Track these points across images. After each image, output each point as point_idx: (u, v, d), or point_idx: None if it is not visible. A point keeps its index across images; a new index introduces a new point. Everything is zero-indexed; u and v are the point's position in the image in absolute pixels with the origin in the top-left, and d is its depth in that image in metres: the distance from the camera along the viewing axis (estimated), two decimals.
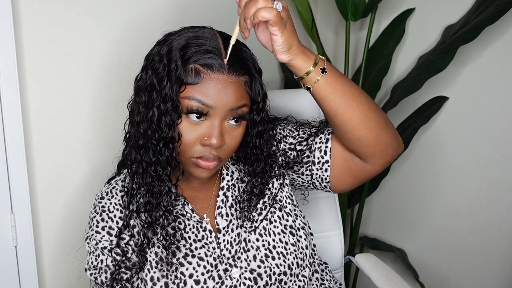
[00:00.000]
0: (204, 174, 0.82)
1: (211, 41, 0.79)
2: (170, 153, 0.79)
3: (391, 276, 1.16)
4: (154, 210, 0.83)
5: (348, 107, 0.81)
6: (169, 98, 0.76)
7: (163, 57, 0.78)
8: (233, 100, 0.78)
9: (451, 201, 1.59)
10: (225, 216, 0.89)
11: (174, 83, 0.76)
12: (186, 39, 0.79)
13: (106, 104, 1.20)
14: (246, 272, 0.85)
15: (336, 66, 1.82)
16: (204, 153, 0.79)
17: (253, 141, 0.88)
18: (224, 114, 0.78)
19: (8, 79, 1.03)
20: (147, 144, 0.80)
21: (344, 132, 0.84)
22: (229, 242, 0.87)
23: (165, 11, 1.30)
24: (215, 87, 0.76)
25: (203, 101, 0.76)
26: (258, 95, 0.82)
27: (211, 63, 0.77)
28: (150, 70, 0.79)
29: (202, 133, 0.78)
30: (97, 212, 0.87)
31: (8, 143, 1.05)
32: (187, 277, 0.82)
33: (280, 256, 0.86)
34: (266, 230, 0.88)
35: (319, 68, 0.78)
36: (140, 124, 0.80)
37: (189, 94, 0.77)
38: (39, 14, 1.06)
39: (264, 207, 0.91)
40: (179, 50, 0.77)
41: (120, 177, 0.91)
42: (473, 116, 1.49)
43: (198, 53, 0.77)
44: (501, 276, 1.51)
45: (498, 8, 1.29)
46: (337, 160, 0.90)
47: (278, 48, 0.75)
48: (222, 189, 0.91)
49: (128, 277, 0.83)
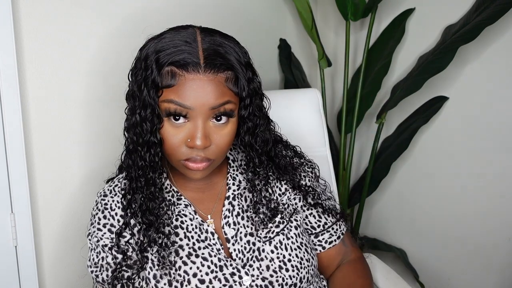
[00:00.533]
0: (196, 175, 0.81)
1: (188, 41, 0.77)
2: (152, 157, 0.80)
3: (391, 276, 1.16)
4: (149, 213, 0.83)
5: None
6: (148, 104, 0.76)
7: (142, 63, 0.79)
8: (211, 99, 0.76)
9: (451, 201, 1.59)
10: (233, 225, 0.88)
11: (150, 88, 0.76)
12: (162, 42, 0.78)
13: (106, 104, 1.20)
14: (257, 279, 0.84)
15: (336, 66, 1.83)
16: (191, 155, 0.78)
17: (243, 139, 0.85)
18: (206, 114, 0.77)
19: (8, 79, 1.03)
20: (136, 149, 0.81)
21: None
22: (240, 251, 0.86)
23: (165, 11, 1.30)
24: (191, 88, 0.75)
25: (180, 102, 0.75)
26: (243, 90, 0.79)
27: (186, 64, 0.75)
28: (133, 77, 0.81)
29: (185, 135, 0.78)
30: (99, 209, 0.87)
31: (8, 143, 1.05)
32: (191, 275, 0.81)
33: (294, 269, 0.86)
34: (282, 244, 0.88)
35: None
36: (129, 130, 0.82)
37: (167, 97, 0.76)
38: (39, 14, 1.06)
39: (282, 221, 0.90)
40: (154, 54, 0.77)
41: (122, 175, 0.91)
42: (473, 116, 1.49)
43: (172, 55, 0.76)
44: (501, 276, 1.51)
45: (498, 8, 1.29)
46: (324, 261, 0.98)
47: None
48: (228, 198, 0.90)
49: (129, 275, 0.83)
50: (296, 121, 1.28)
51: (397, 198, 1.73)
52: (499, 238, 1.49)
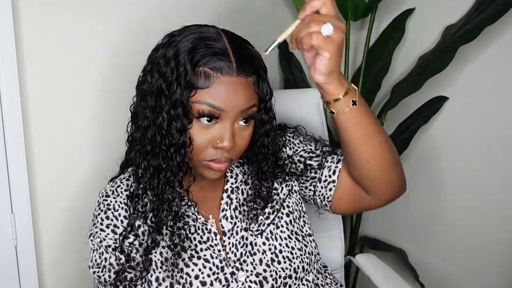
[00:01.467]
0: (215, 175, 0.82)
1: (217, 42, 0.77)
2: (182, 158, 0.78)
3: (391, 276, 1.16)
4: (161, 215, 0.82)
5: (365, 141, 0.81)
6: (180, 103, 0.75)
7: (170, 60, 0.76)
8: (243, 102, 0.77)
9: (451, 201, 1.59)
10: (230, 219, 0.88)
11: (184, 88, 0.75)
12: (192, 41, 0.77)
13: (107, 103, 1.20)
14: (252, 275, 0.84)
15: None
16: (216, 156, 0.79)
17: (261, 140, 0.87)
18: (235, 116, 0.77)
19: (8, 79, 1.03)
20: (155, 149, 0.78)
21: (355, 163, 0.85)
22: (234, 245, 0.86)
23: (167, 12, 1.30)
24: (226, 90, 0.75)
25: (214, 104, 0.75)
26: (266, 94, 0.81)
27: (220, 66, 0.75)
28: (157, 74, 0.77)
29: (214, 136, 0.78)
30: (102, 210, 0.86)
31: (8, 143, 1.05)
32: (192, 278, 0.81)
33: (286, 260, 0.86)
34: (272, 235, 0.88)
35: (349, 99, 0.78)
36: (148, 129, 0.78)
37: (200, 98, 0.75)
38: (39, 14, 1.06)
39: (272, 211, 0.91)
40: (187, 53, 0.75)
41: (124, 176, 0.90)
42: (473, 116, 1.49)
43: (207, 56, 0.75)
44: (501, 276, 1.51)
45: (498, 8, 1.29)
46: (343, 184, 0.91)
47: (321, 68, 0.74)
48: (226, 191, 0.90)
49: (132, 277, 0.82)
50: (296, 121, 1.28)
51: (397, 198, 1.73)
52: (499, 238, 1.49)
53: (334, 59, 0.73)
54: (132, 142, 0.85)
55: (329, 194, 0.91)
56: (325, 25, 0.70)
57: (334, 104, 0.78)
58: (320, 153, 0.94)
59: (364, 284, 1.76)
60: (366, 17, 1.58)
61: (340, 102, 0.78)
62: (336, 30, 0.70)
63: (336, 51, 0.72)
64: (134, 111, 0.85)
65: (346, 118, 0.79)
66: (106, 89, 1.20)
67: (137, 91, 0.83)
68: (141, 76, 0.83)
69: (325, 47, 0.70)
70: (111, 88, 1.20)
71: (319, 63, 0.73)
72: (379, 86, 1.59)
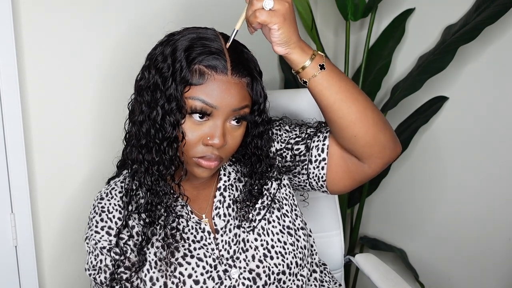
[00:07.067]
0: (205, 173, 0.83)
1: (214, 42, 0.80)
2: (174, 152, 0.79)
3: (391, 276, 1.16)
4: (154, 209, 0.83)
5: (344, 104, 0.82)
6: (174, 98, 0.77)
7: (167, 57, 0.79)
8: (236, 101, 0.79)
9: (451, 201, 1.59)
10: (223, 217, 0.89)
11: (179, 83, 0.77)
12: (190, 40, 0.80)
13: (106, 103, 1.20)
14: (245, 272, 0.85)
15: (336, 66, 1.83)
16: (206, 153, 0.80)
17: (254, 142, 0.89)
18: (227, 115, 0.79)
19: (8, 79, 1.03)
20: (149, 143, 0.80)
21: (340, 129, 0.85)
22: (227, 242, 0.87)
23: (167, 12, 1.30)
24: (219, 88, 0.77)
25: (207, 101, 0.77)
26: (260, 96, 0.83)
27: (215, 65, 0.78)
28: (154, 70, 0.79)
29: (205, 133, 0.79)
30: (97, 213, 0.87)
31: (8, 143, 1.05)
32: (186, 277, 0.82)
33: (279, 255, 0.87)
34: (264, 230, 0.89)
35: (317, 64, 0.80)
36: (143, 124, 0.80)
37: (193, 94, 0.77)
38: (39, 14, 1.06)
39: (262, 207, 0.91)
40: (183, 51, 0.78)
41: (119, 178, 0.92)
42: (473, 116, 1.49)
43: (203, 54, 0.78)
44: (501, 276, 1.51)
45: (498, 8, 1.29)
46: (334, 159, 0.91)
47: (275, 40, 0.77)
48: (219, 189, 0.91)
49: (127, 277, 0.83)
50: None
51: (397, 198, 1.73)
52: (500, 238, 1.49)
53: (286, 29, 0.76)
54: (129, 139, 0.87)
55: (323, 173, 0.91)
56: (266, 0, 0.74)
57: (304, 73, 0.81)
58: (305, 135, 0.94)
59: (364, 284, 1.76)
60: (366, 17, 1.58)
61: (308, 69, 0.80)
62: (277, 1, 0.74)
63: (283, 20, 0.75)
64: (131, 108, 0.87)
65: (318, 82, 0.81)
66: (106, 90, 1.20)
67: (135, 87, 0.85)
68: (139, 73, 0.84)
69: (271, 20, 0.74)
70: (111, 88, 1.20)
71: (272, 36, 0.77)
72: (379, 86, 1.59)
